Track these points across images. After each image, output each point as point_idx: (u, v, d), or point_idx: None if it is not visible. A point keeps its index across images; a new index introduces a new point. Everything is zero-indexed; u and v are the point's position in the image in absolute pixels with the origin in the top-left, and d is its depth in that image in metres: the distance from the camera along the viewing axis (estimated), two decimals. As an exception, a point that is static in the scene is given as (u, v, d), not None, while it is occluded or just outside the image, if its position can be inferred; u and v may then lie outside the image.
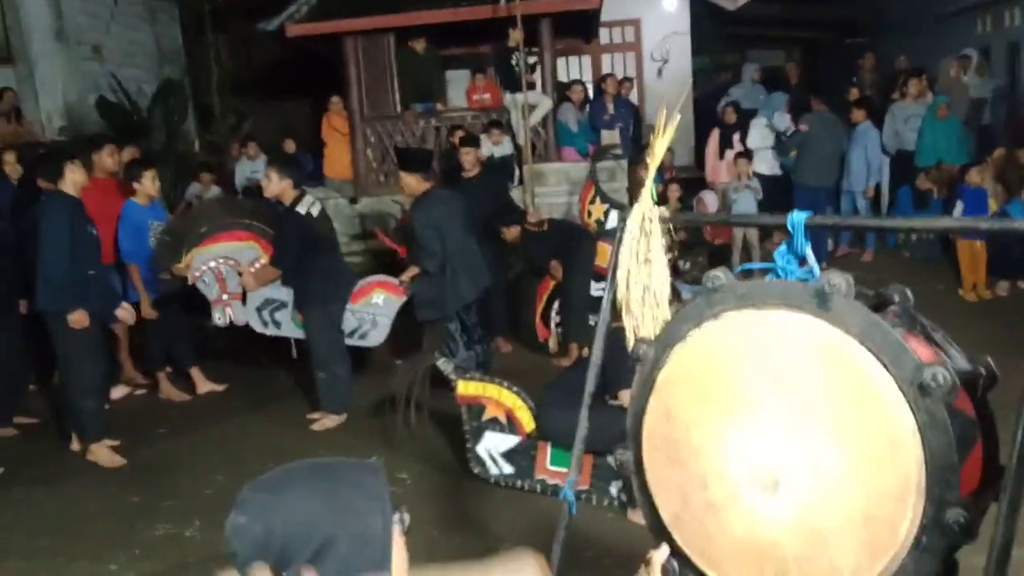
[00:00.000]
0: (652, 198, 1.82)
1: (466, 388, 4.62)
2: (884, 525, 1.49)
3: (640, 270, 1.84)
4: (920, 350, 1.52)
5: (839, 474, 1.50)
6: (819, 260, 1.61)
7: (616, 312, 2.02)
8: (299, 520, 1.19)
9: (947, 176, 8.62)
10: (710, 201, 9.60)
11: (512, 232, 7.00)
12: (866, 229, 8.53)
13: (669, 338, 1.71)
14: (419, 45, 9.86)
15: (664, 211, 1.82)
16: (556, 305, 6.99)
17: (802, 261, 1.59)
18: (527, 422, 4.49)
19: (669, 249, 1.83)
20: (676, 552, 1.75)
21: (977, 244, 7.67)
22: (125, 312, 5.57)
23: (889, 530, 1.49)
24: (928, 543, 1.47)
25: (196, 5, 11.56)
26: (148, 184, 6.09)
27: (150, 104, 10.91)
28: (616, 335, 2.10)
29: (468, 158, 7.27)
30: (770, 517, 1.59)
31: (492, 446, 4.57)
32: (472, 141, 7.68)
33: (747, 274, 1.73)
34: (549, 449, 4.43)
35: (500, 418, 4.54)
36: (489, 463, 4.59)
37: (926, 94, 9.44)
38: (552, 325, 7.06)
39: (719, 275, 1.61)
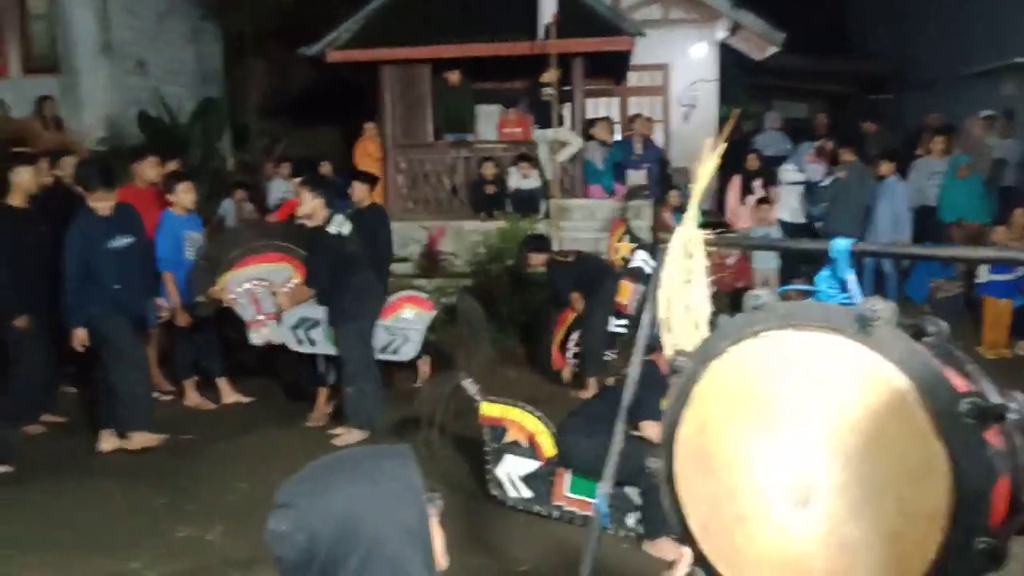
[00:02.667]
0: (699, 221, 1.91)
1: (490, 410, 4.66)
2: (913, 544, 1.50)
3: (682, 290, 1.93)
4: (955, 381, 1.55)
5: (871, 490, 1.52)
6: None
7: (648, 344, 2.08)
8: (344, 523, 1.19)
9: (973, 233, 8.71)
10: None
11: (538, 259, 7.10)
12: (914, 258, 8.52)
13: (707, 353, 1.73)
14: (454, 77, 10.07)
15: (708, 235, 1.90)
16: (574, 336, 7.08)
17: (843, 287, 1.66)
18: (548, 447, 4.53)
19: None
20: (703, 562, 1.76)
21: (1002, 302, 7.76)
22: (165, 306, 5.88)
23: (918, 550, 1.50)
24: (955, 569, 1.48)
25: (239, 28, 11.85)
26: (182, 196, 6.27)
27: (189, 121, 11.15)
28: (645, 367, 2.17)
29: (354, 191, 7.38)
30: (800, 532, 1.60)
31: (512, 469, 4.60)
32: (365, 178, 7.68)
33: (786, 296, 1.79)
34: (568, 476, 4.46)
35: (522, 441, 4.58)
36: (508, 486, 4.62)
37: (950, 151, 9.54)
38: (569, 355, 7.13)
39: (761, 295, 1.65)
